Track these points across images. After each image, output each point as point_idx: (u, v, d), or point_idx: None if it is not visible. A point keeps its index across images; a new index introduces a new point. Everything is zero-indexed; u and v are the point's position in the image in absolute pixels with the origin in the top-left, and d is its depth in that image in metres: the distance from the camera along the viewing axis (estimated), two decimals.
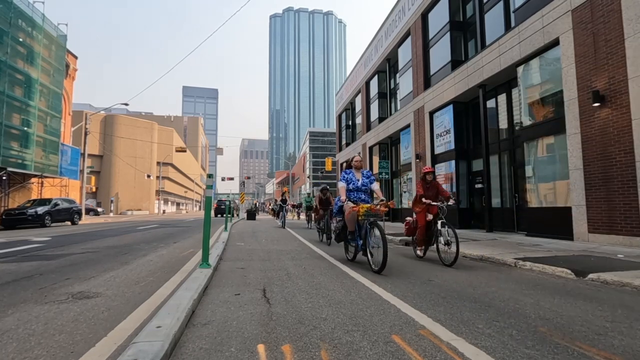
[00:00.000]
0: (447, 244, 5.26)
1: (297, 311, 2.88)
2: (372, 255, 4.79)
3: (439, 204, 5.61)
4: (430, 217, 5.71)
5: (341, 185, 5.35)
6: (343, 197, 5.17)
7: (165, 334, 2.11)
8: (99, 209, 39.89)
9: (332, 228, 7.76)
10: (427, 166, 5.84)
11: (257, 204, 31.34)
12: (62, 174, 23.08)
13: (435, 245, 5.68)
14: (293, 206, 29.79)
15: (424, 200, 5.73)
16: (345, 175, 5.47)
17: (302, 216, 25.26)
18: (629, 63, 6.75)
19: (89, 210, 36.50)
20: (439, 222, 5.47)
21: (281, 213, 15.76)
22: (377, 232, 4.66)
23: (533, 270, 4.88)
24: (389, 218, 18.38)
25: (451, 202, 5.64)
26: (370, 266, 4.78)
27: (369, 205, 4.97)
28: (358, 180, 5.42)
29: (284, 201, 16.15)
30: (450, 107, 13.11)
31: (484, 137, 11.36)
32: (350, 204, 5.10)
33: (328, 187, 10.26)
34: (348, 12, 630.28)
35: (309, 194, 15.79)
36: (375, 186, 5.45)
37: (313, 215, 14.71)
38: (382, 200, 4.94)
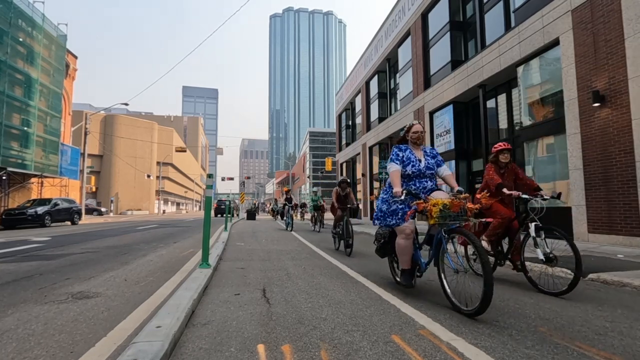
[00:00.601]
0: (549, 260, 3.46)
1: (297, 311, 2.88)
2: (447, 282, 3.00)
3: (531, 197, 3.72)
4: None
5: (395, 168, 3.31)
6: (397, 189, 3.12)
7: (165, 334, 2.11)
8: (103, 209, 39.70)
9: (350, 232, 6.35)
10: (501, 142, 4.17)
11: (257, 204, 30.70)
12: (62, 174, 23.08)
13: (520, 261, 3.91)
14: (296, 205, 28.91)
15: (505, 191, 3.78)
16: (400, 153, 3.42)
17: (307, 216, 23.55)
18: (629, 63, 6.75)
19: (93, 210, 36.43)
20: (532, 225, 3.59)
21: (287, 214, 13.64)
22: (459, 247, 2.97)
23: (533, 270, 4.87)
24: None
25: (545, 195, 3.70)
26: (450, 302, 2.90)
27: (447, 199, 2.96)
28: (420, 160, 3.39)
29: (289, 200, 14.06)
30: (450, 107, 13.11)
31: (484, 137, 11.36)
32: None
33: (349, 180, 8.06)
34: (348, 12, 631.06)
35: (315, 191, 13.23)
36: (445, 171, 3.43)
37: (320, 216, 12.95)
38: (459, 192, 3.03)
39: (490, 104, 11.74)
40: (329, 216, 19.94)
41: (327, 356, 2.00)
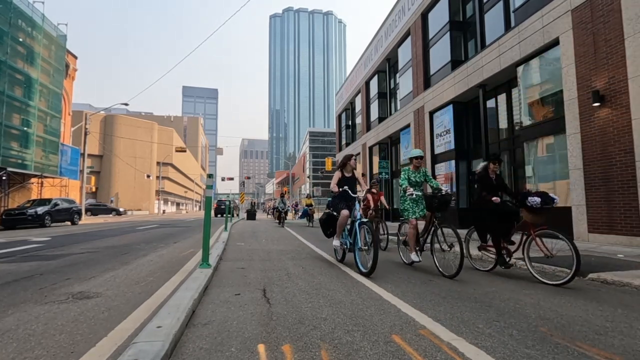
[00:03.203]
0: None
1: (298, 311, 2.88)
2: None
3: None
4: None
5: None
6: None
7: (166, 334, 2.11)
8: (121, 209, 39.12)
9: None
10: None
11: (255, 203, 29.14)
12: (62, 174, 23.08)
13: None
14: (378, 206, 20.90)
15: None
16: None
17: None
18: (628, 63, 6.75)
19: (111, 210, 36.24)
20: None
21: (363, 228, 4.77)
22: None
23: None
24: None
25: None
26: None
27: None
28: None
29: (352, 184, 5.38)
30: (450, 107, 13.11)
31: (483, 137, 11.36)
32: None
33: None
34: (348, 12, 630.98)
35: (418, 157, 5.24)
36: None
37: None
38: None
39: (490, 103, 11.74)
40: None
41: (327, 356, 2.00)
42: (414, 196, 4.97)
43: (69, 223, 18.79)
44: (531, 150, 9.39)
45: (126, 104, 24.64)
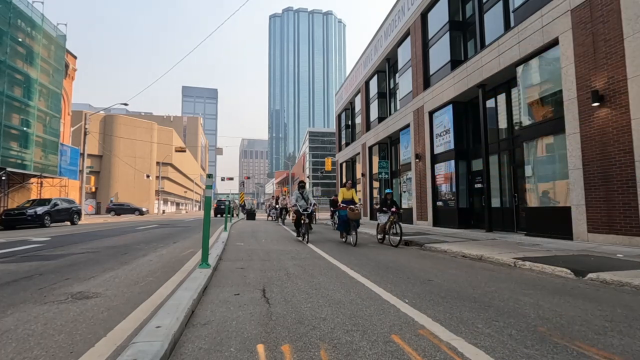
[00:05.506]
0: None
1: (297, 311, 2.88)
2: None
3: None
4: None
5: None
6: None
7: (165, 334, 2.11)
8: (144, 209, 38.52)
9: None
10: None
11: (245, 203, 28.04)
12: (61, 174, 23.08)
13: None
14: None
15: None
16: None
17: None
18: (628, 63, 6.75)
19: (134, 210, 35.94)
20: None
21: None
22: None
23: (532, 270, 4.88)
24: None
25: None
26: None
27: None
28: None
29: None
30: (450, 107, 13.10)
31: (483, 137, 11.36)
32: None
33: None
34: (348, 12, 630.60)
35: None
36: None
37: None
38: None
39: (490, 103, 11.74)
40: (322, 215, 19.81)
41: (326, 356, 2.00)
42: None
43: (68, 223, 18.78)
44: (531, 150, 9.39)
45: (126, 104, 24.61)
